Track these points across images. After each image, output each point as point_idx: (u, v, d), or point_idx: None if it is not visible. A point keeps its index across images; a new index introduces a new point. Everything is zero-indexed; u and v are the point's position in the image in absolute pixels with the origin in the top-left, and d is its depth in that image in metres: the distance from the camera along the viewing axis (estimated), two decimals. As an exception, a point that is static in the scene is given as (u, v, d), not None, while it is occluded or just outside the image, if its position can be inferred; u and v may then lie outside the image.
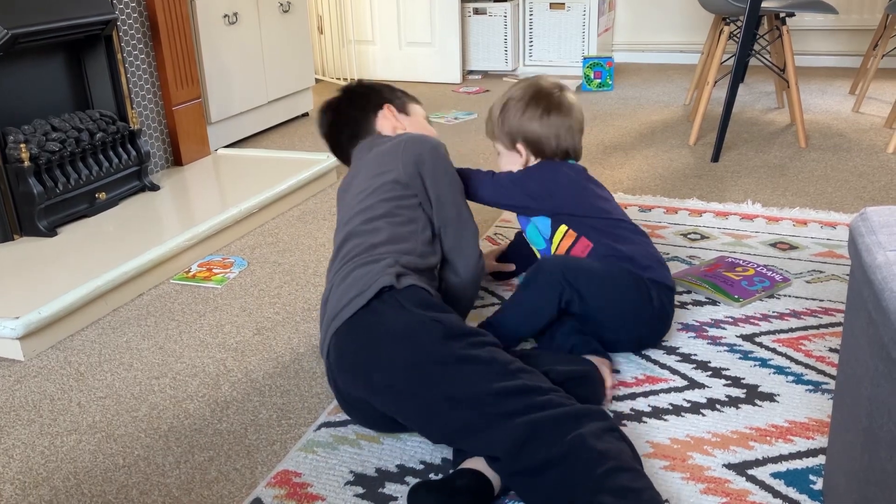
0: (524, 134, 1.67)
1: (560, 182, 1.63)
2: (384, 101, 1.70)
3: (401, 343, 1.23)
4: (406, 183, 1.50)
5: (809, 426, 1.32)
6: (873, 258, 0.89)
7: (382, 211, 1.46)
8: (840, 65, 4.39)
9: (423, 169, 1.52)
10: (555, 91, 1.68)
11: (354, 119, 1.71)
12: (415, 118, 1.74)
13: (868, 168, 2.68)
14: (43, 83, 2.29)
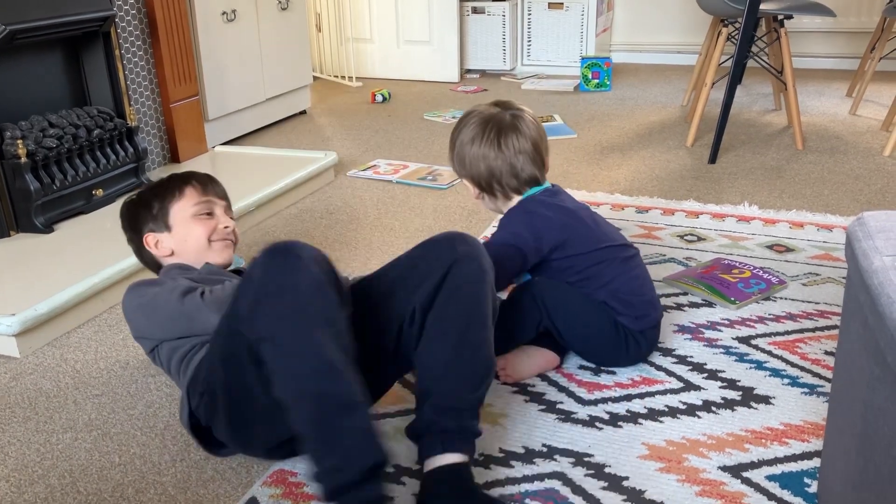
0: (460, 168, 1.57)
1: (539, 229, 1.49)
2: (144, 232, 1.56)
3: None
4: (156, 346, 1.41)
5: (804, 429, 1.32)
6: (870, 263, 0.89)
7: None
8: (837, 67, 4.40)
9: (140, 333, 1.43)
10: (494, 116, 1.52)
11: (134, 251, 1.62)
12: (177, 231, 1.55)
13: (864, 171, 2.69)
14: (40, 79, 2.28)
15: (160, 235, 1.55)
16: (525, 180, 1.52)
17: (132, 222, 1.59)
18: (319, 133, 3.41)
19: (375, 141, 3.26)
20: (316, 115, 3.74)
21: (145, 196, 1.60)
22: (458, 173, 1.59)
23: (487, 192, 1.55)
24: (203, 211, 1.56)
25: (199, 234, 1.54)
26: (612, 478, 1.22)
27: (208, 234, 1.55)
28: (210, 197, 1.59)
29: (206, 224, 1.55)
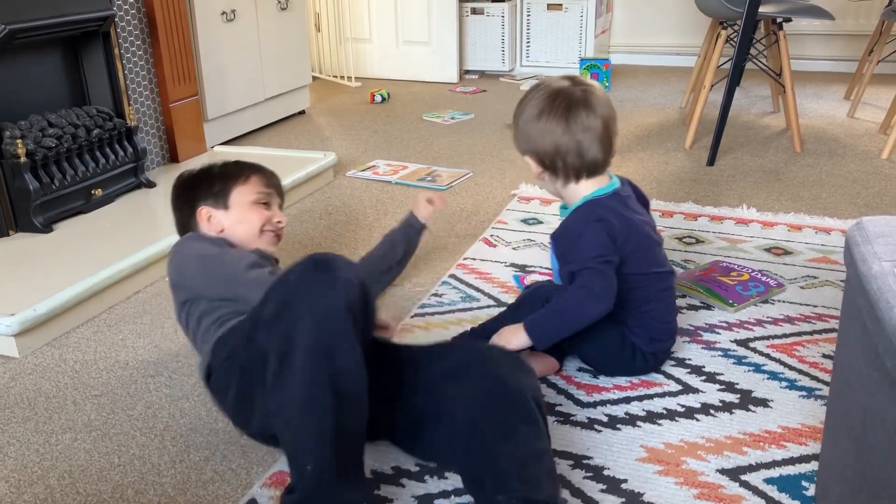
0: (524, 143, 1.47)
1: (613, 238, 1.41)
2: (200, 204, 1.58)
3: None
4: (191, 299, 1.45)
5: (803, 432, 1.33)
6: (869, 268, 0.90)
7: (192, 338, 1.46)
8: (836, 70, 4.41)
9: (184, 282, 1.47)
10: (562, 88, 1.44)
11: (179, 221, 1.63)
12: (234, 212, 1.57)
13: (862, 173, 2.69)
14: (40, 79, 2.28)
15: (215, 212, 1.57)
16: (589, 162, 1.42)
17: (189, 193, 1.61)
18: (318, 133, 3.41)
19: (374, 141, 3.26)
20: (315, 115, 3.74)
21: (209, 172, 1.63)
22: (520, 149, 1.49)
23: (550, 171, 1.45)
24: (263, 200, 1.61)
25: (254, 221, 1.58)
26: (611, 480, 1.23)
27: (262, 223, 1.59)
28: (272, 190, 1.64)
29: (262, 213, 1.59)
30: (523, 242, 2.15)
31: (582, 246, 1.40)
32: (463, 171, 2.78)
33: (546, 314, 1.42)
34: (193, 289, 1.44)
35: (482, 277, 1.94)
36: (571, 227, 1.45)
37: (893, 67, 4.13)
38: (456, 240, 2.20)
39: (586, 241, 1.40)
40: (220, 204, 1.58)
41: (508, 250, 2.10)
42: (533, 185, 2.61)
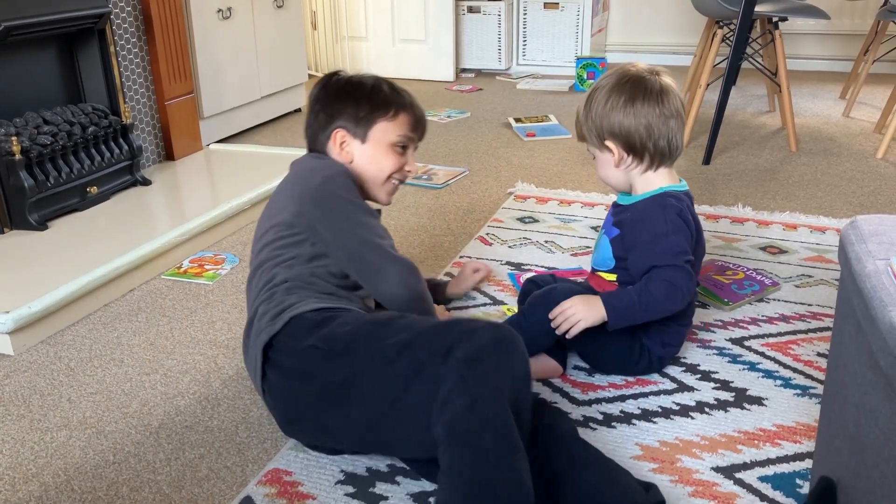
0: (610, 127, 1.43)
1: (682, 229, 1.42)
2: (339, 124, 1.48)
3: (303, 390, 1.23)
4: (293, 223, 1.38)
5: (797, 430, 1.33)
6: (863, 267, 0.90)
7: (262, 257, 1.39)
8: (831, 69, 4.42)
9: (312, 208, 1.38)
10: (644, 75, 1.46)
11: (312, 129, 1.53)
12: (369, 147, 1.49)
13: (858, 173, 2.70)
14: (35, 76, 2.28)
15: (351, 140, 1.48)
16: (675, 147, 1.44)
17: (334, 105, 1.50)
18: (314, 131, 3.40)
19: (370, 140, 3.25)
20: (311, 113, 3.73)
21: (359, 90, 1.50)
22: (600, 136, 1.45)
23: (636, 156, 1.44)
24: (402, 143, 1.50)
25: (385, 166, 1.49)
26: (606, 478, 1.23)
27: (394, 170, 1.50)
28: (415, 135, 1.53)
29: (396, 160, 1.50)
30: (519, 241, 2.15)
31: (669, 241, 1.40)
32: (459, 170, 2.78)
33: (626, 298, 1.39)
34: (320, 231, 1.36)
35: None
36: (653, 219, 1.42)
37: (889, 67, 4.14)
38: (452, 238, 2.20)
39: (674, 237, 1.40)
40: (359, 133, 1.48)
41: (504, 248, 2.10)
42: (529, 183, 2.61)
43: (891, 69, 4.14)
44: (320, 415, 1.21)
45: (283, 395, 1.26)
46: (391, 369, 1.13)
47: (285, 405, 1.27)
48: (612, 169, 1.49)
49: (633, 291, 1.39)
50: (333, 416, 1.20)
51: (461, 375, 1.06)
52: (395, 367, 1.13)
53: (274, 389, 1.27)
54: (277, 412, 1.29)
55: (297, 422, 1.27)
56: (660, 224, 1.41)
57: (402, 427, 1.14)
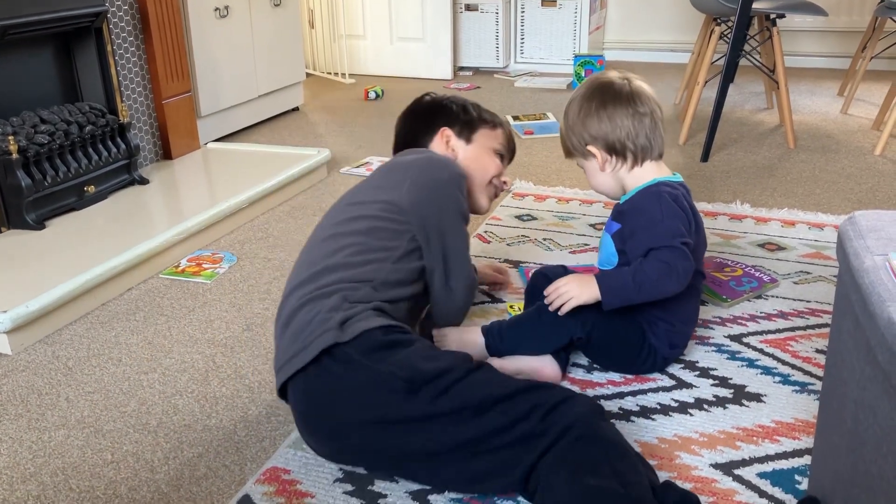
0: (591, 134, 1.46)
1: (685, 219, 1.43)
2: (442, 125, 1.57)
3: (361, 407, 1.16)
4: (404, 210, 1.38)
5: (796, 426, 1.33)
6: (861, 262, 0.90)
7: (357, 228, 1.37)
8: (829, 66, 4.42)
9: (429, 206, 1.39)
10: (614, 80, 1.47)
11: (411, 132, 1.61)
12: (473, 148, 1.56)
13: (856, 169, 2.70)
14: (32, 75, 2.27)
15: (456, 139, 1.57)
16: (655, 142, 1.46)
17: (433, 112, 1.60)
18: (312, 130, 3.41)
19: (368, 138, 3.25)
20: (309, 111, 3.73)
21: (463, 105, 1.62)
22: (581, 143, 1.48)
23: (619, 156, 1.46)
24: (501, 153, 1.61)
25: (490, 168, 1.58)
26: (605, 475, 1.23)
27: (495, 172, 1.59)
28: (509, 152, 1.64)
29: (498, 164, 1.60)
30: (518, 238, 2.15)
31: (665, 224, 1.40)
32: (457, 168, 2.78)
33: (621, 278, 1.39)
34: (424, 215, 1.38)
35: (477, 273, 1.93)
36: (649, 206, 1.43)
37: (886, 64, 4.14)
38: (450, 236, 2.19)
39: (669, 221, 1.40)
40: (464, 135, 1.57)
41: (503, 246, 2.10)
42: (527, 181, 2.61)
43: (889, 66, 4.14)
44: (371, 439, 1.16)
45: (326, 407, 1.19)
46: (482, 420, 1.11)
47: (325, 417, 1.20)
48: (601, 175, 1.50)
49: (628, 272, 1.39)
50: (388, 444, 1.16)
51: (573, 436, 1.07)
52: (487, 417, 1.11)
53: (315, 395, 1.20)
54: (307, 418, 1.22)
55: (334, 437, 1.21)
56: (655, 210, 1.42)
57: (462, 468, 1.13)
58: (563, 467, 1.05)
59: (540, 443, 1.08)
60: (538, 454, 1.08)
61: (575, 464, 1.05)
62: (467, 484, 1.16)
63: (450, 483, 1.18)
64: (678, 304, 1.45)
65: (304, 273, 1.33)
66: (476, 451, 1.11)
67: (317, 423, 1.22)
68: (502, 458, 1.10)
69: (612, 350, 1.48)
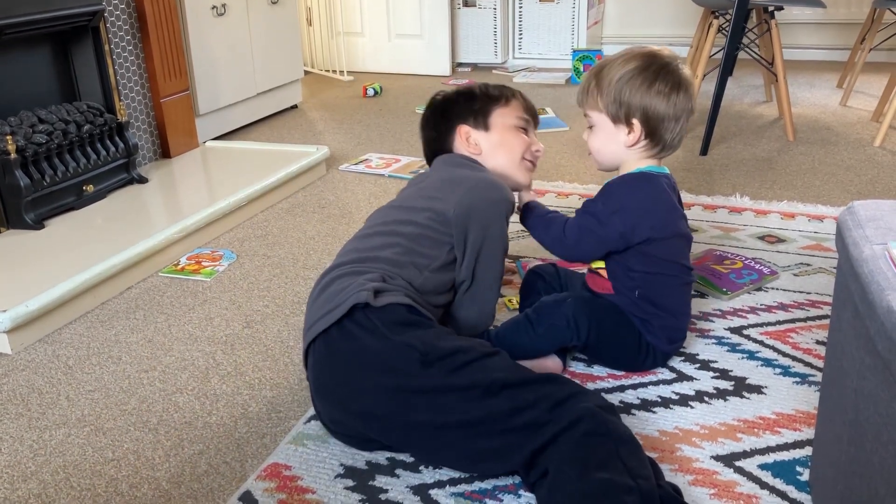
0: (646, 109, 1.40)
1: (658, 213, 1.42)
2: (458, 122, 1.57)
3: (375, 371, 1.19)
4: (449, 221, 1.39)
5: (796, 418, 1.33)
6: (860, 252, 0.90)
7: (405, 231, 1.40)
8: (828, 58, 4.41)
9: (473, 221, 1.39)
10: (678, 66, 1.43)
11: (434, 139, 1.62)
12: (494, 134, 1.56)
13: (855, 161, 2.70)
14: (29, 74, 2.27)
15: (475, 132, 1.55)
16: (678, 139, 1.44)
17: (448, 110, 1.58)
18: (311, 127, 3.40)
19: (367, 135, 3.25)
20: (307, 109, 3.73)
21: (468, 92, 1.59)
22: (626, 112, 1.41)
23: (652, 141, 1.43)
24: (522, 125, 1.58)
25: (516, 147, 1.55)
26: (606, 468, 1.22)
27: (524, 149, 1.56)
28: (530, 117, 1.60)
29: (523, 139, 1.57)
30: (517, 233, 2.15)
31: (607, 198, 1.43)
32: (456, 164, 2.78)
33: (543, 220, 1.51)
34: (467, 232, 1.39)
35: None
36: (619, 187, 1.44)
37: (885, 55, 4.13)
38: (449, 232, 2.19)
39: (614, 198, 1.42)
40: (480, 124, 1.55)
41: (502, 241, 2.10)
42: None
43: (888, 57, 4.13)
44: (380, 405, 1.18)
45: (342, 369, 1.22)
46: (489, 401, 1.13)
47: (342, 379, 1.22)
48: (614, 145, 1.45)
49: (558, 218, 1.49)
50: (396, 411, 1.17)
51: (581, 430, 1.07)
52: (495, 400, 1.13)
53: (335, 356, 1.23)
54: (324, 380, 1.24)
55: (345, 401, 1.22)
56: (623, 193, 1.43)
57: (464, 446, 1.15)
58: (574, 463, 1.05)
59: (545, 431, 1.09)
60: (542, 442, 1.08)
61: (585, 459, 1.05)
62: (468, 463, 1.17)
63: (450, 460, 1.20)
64: (665, 298, 1.45)
65: (348, 257, 1.37)
66: (480, 431, 1.12)
67: (331, 385, 1.24)
68: (505, 441, 1.11)
69: (611, 353, 1.48)
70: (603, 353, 1.49)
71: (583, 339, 1.43)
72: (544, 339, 1.44)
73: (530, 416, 1.10)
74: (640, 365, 1.48)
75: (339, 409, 1.24)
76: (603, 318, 1.44)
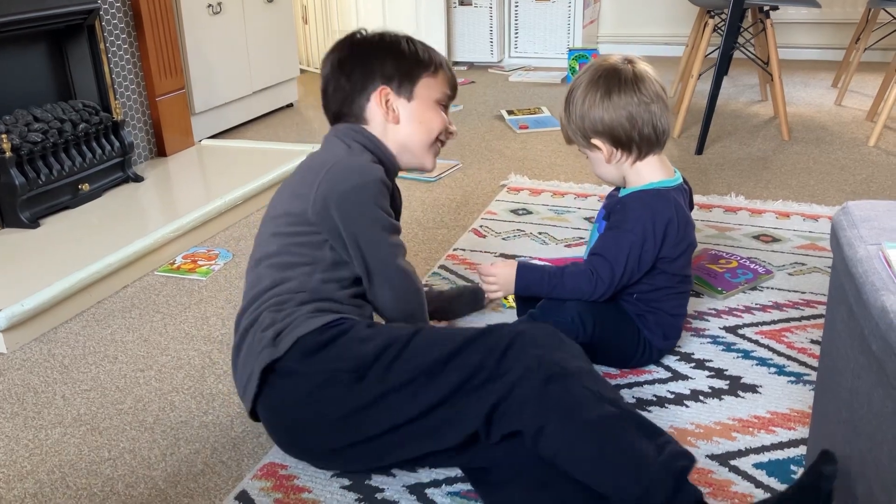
0: (592, 125, 1.41)
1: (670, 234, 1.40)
2: (382, 81, 1.36)
3: (315, 412, 1.16)
4: (313, 221, 1.28)
5: (791, 417, 1.34)
6: (854, 252, 0.90)
7: (273, 249, 1.30)
8: (823, 58, 4.42)
9: (337, 214, 1.26)
10: (617, 65, 1.41)
11: (344, 92, 1.38)
12: (416, 107, 1.38)
13: (850, 161, 2.70)
14: (24, 73, 2.26)
15: (395, 98, 1.36)
16: (661, 132, 1.41)
17: (371, 60, 1.36)
18: (307, 126, 3.40)
19: (363, 134, 3.24)
20: (303, 108, 3.72)
21: (395, 47, 1.37)
22: (585, 135, 1.43)
23: (624, 149, 1.42)
24: (444, 102, 1.41)
25: (435, 125, 1.39)
26: (601, 467, 1.23)
27: (441, 129, 1.40)
28: (453, 94, 1.44)
29: (443, 117, 1.41)
30: (513, 233, 2.15)
31: (625, 237, 1.39)
32: (452, 163, 2.78)
33: (546, 273, 1.44)
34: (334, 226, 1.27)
35: (472, 268, 1.94)
36: (637, 214, 1.40)
37: (880, 55, 4.14)
38: (445, 231, 2.20)
39: (632, 237, 1.39)
40: (405, 91, 1.36)
41: (498, 240, 2.10)
42: (522, 175, 2.61)
43: (882, 57, 4.14)
44: (340, 438, 1.16)
45: (288, 422, 1.21)
46: (438, 381, 1.11)
47: (291, 431, 1.22)
48: (605, 166, 1.47)
49: (549, 275, 1.43)
50: (356, 436, 1.15)
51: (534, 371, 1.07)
52: (443, 378, 1.11)
53: (275, 413, 1.22)
54: (278, 435, 1.25)
55: (308, 448, 1.22)
56: (636, 226, 1.39)
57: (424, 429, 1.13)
58: (551, 415, 1.05)
59: (500, 384, 1.08)
60: (498, 396, 1.08)
61: (559, 408, 1.05)
62: (428, 440, 1.14)
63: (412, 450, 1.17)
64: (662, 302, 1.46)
65: (244, 301, 1.32)
66: (439, 411, 1.11)
67: (287, 438, 1.24)
68: (462, 408, 1.10)
69: (609, 348, 1.48)
70: (602, 350, 1.49)
71: (588, 336, 1.42)
72: None
73: (482, 377, 1.09)
74: (636, 361, 1.49)
75: (310, 457, 1.24)
76: (605, 315, 1.44)
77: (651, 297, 1.45)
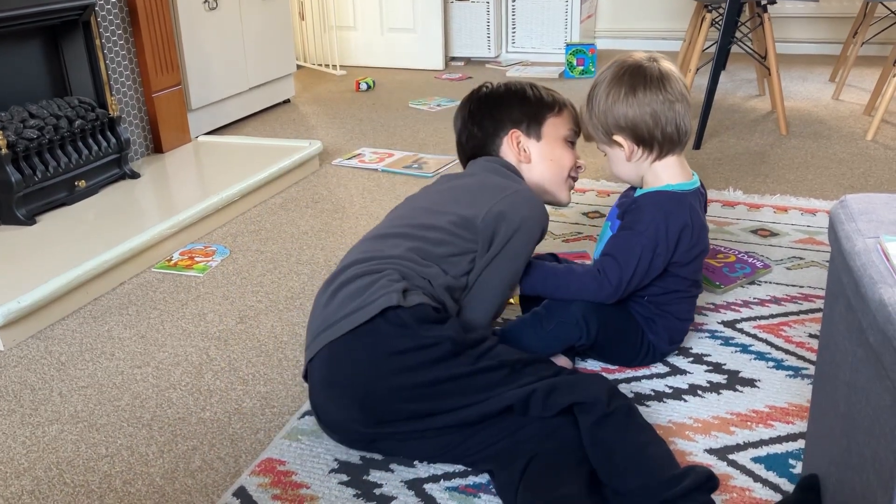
0: (615, 121, 1.40)
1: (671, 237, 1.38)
2: (510, 125, 1.49)
3: (408, 370, 1.17)
4: (476, 228, 1.34)
5: (789, 411, 1.33)
6: (852, 245, 0.90)
7: (428, 236, 1.34)
8: (820, 52, 4.42)
9: (501, 230, 1.33)
10: (642, 63, 1.42)
11: (476, 139, 1.51)
12: (545, 146, 1.49)
13: (847, 155, 2.70)
14: (20, 69, 2.26)
15: (526, 140, 1.48)
16: (683, 132, 1.40)
17: (499, 109, 1.48)
18: (304, 122, 3.39)
19: (360, 129, 3.24)
20: (300, 103, 3.72)
21: (520, 93, 1.50)
22: (607, 132, 1.41)
23: (646, 147, 1.40)
24: (571, 139, 1.50)
25: (566, 161, 1.49)
26: (600, 462, 1.23)
27: (572, 164, 1.49)
28: (578, 129, 1.51)
29: (572, 154, 1.49)
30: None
31: (637, 239, 1.37)
32: (449, 158, 2.78)
33: (552, 273, 1.42)
34: (492, 242, 1.34)
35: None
36: (651, 216, 1.38)
37: (877, 49, 4.14)
38: (443, 226, 2.19)
39: (644, 239, 1.37)
40: (533, 132, 1.47)
41: (496, 236, 2.10)
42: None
43: (880, 51, 4.14)
44: (411, 400, 1.17)
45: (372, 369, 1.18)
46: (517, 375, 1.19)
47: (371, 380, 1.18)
48: (625, 164, 1.44)
49: (565, 267, 1.44)
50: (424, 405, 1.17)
51: None
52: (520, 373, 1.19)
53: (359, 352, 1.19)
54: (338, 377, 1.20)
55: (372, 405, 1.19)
56: (649, 228, 1.37)
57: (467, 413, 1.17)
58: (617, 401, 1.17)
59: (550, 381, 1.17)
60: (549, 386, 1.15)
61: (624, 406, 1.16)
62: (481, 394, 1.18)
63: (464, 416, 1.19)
64: (672, 306, 1.45)
65: (365, 254, 1.32)
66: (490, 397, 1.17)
67: (347, 386, 1.20)
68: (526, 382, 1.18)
69: (612, 350, 1.48)
70: (605, 351, 1.49)
71: (592, 337, 1.41)
72: (553, 336, 1.43)
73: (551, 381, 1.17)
74: (638, 362, 1.48)
75: (355, 409, 1.20)
76: (610, 316, 1.43)
77: (662, 300, 1.44)
